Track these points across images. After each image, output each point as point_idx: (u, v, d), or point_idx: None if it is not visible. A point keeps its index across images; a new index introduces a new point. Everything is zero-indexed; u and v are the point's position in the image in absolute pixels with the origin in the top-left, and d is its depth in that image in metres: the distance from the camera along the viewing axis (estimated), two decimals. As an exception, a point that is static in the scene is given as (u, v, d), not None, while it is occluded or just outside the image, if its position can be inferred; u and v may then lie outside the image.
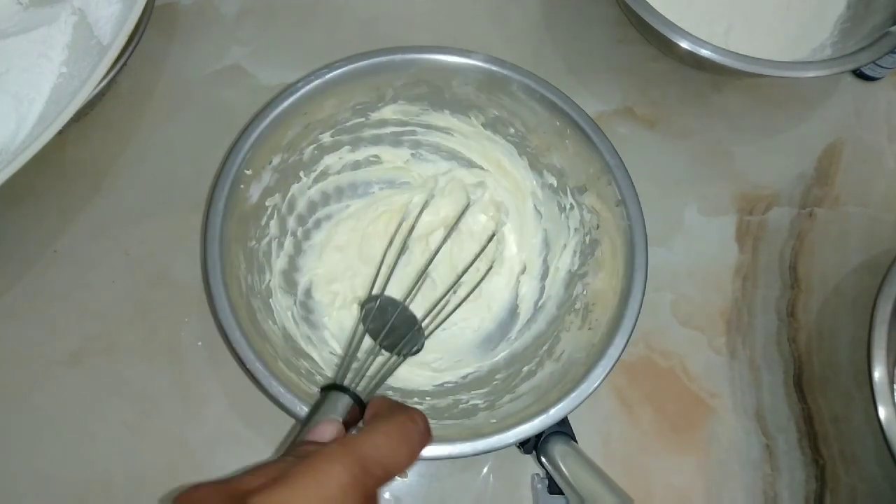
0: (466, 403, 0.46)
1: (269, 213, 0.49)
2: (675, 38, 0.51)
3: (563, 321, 0.48)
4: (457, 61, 0.48)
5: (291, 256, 0.51)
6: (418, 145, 0.54)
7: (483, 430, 0.40)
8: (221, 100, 0.57)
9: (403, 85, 0.49)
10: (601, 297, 0.46)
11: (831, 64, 0.52)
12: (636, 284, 0.44)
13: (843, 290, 0.54)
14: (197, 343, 0.49)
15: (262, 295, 0.47)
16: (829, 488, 0.49)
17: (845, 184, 0.58)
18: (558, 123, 0.48)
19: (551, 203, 0.52)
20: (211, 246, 0.42)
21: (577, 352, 0.45)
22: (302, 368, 0.45)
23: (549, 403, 0.41)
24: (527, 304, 0.52)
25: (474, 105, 0.50)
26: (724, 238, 0.56)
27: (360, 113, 0.50)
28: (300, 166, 0.50)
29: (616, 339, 0.42)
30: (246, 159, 0.45)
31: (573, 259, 0.50)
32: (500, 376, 0.48)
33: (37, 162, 0.42)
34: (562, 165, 0.50)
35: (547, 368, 0.46)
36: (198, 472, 0.46)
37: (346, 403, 0.37)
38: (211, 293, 0.41)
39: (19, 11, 0.48)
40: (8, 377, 0.48)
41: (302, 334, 0.48)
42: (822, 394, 0.51)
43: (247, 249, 0.46)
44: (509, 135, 0.51)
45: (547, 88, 0.48)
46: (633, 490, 0.37)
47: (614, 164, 0.46)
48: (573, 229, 0.50)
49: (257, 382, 0.40)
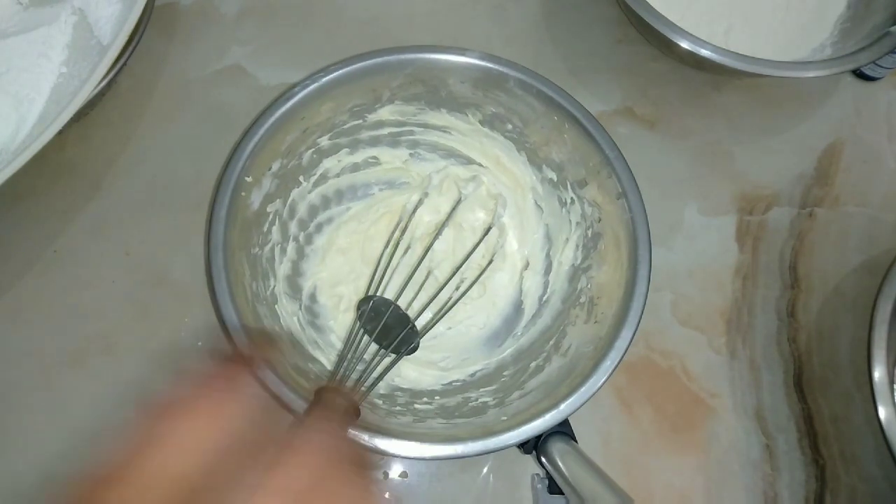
0: (476, 401, 0.46)
1: (270, 219, 0.49)
2: (676, 38, 0.51)
3: (569, 315, 0.48)
4: (452, 59, 0.48)
5: (294, 261, 0.51)
6: (416, 145, 0.54)
7: (494, 427, 0.40)
8: (221, 100, 0.57)
9: (399, 85, 0.49)
10: (606, 291, 0.46)
11: (831, 64, 0.52)
12: (641, 276, 0.44)
13: (843, 290, 0.54)
14: (197, 343, 0.49)
15: (268, 301, 0.47)
16: (829, 488, 0.49)
17: (845, 184, 0.58)
18: (556, 118, 0.48)
19: (552, 198, 0.52)
20: (215, 254, 0.42)
21: (584, 345, 0.45)
22: (311, 373, 0.45)
23: (560, 398, 0.41)
24: (531, 300, 0.52)
25: (471, 103, 0.50)
26: (724, 238, 0.56)
27: (357, 115, 0.50)
28: (300, 171, 0.50)
29: (623, 332, 0.42)
30: (246, 166, 0.45)
31: (576, 253, 0.50)
32: (507, 373, 0.48)
33: (37, 162, 0.42)
34: (561, 160, 0.50)
35: (554, 363, 0.46)
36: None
37: (338, 405, 0.37)
38: (217, 302, 0.41)
39: (19, 11, 0.48)
40: (8, 377, 0.48)
41: (309, 339, 0.48)
42: (822, 394, 0.51)
43: (250, 256, 0.46)
44: (507, 131, 0.51)
45: (543, 83, 0.48)
46: (633, 490, 0.37)
47: (614, 156, 0.46)
48: (575, 223, 0.50)
49: (269, 391, 0.40)
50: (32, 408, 0.47)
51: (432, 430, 0.42)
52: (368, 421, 0.40)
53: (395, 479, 0.47)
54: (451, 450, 0.39)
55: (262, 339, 0.42)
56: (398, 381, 0.48)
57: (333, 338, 0.50)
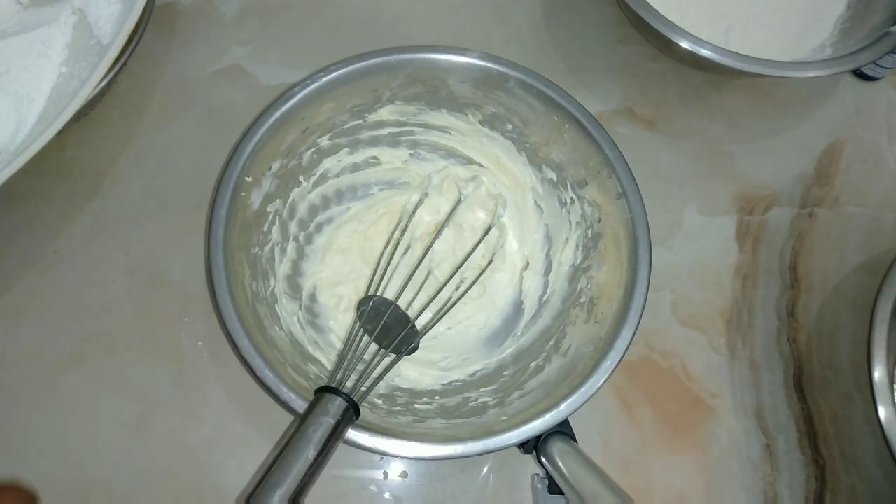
0: (476, 401, 0.46)
1: (270, 219, 0.49)
2: (676, 38, 0.51)
3: (569, 315, 0.48)
4: (452, 60, 0.48)
5: (295, 261, 0.51)
6: (416, 145, 0.54)
7: (494, 427, 0.40)
8: (221, 100, 0.57)
9: (400, 85, 0.49)
10: (606, 291, 0.46)
11: (831, 64, 0.52)
12: (641, 276, 0.44)
13: (843, 289, 0.54)
14: (197, 343, 0.49)
15: (268, 301, 0.47)
16: (829, 488, 0.49)
17: (845, 184, 0.58)
18: (556, 118, 0.48)
19: (552, 198, 0.52)
20: (215, 254, 0.43)
21: (585, 345, 0.45)
22: (311, 373, 0.45)
23: (560, 398, 0.41)
24: (531, 300, 0.52)
25: (471, 103, 0.51)
26: (724, 238, 0.56)
27: (357, 115, 0.50)
28: (300, 171, 0.50)
29: (623, 332, 0.42)
30: (246, 166, 0.45)
31: (576, 253, 0.50)
32: (507, 373, 0.48)
33: (37, 162, 0.42)
34: (561, 160, 0.50)
35: (554, 363, 0.46)
36: (198, 472, 0.46)
37: (338, 405, 0.38)
38: (217, 302, 0.41)
39: (19, 11, 0.48)
40: (8, 377, 0.48)
41: (309, 339, 0.48)
42: (822, 394, 0.51)
43: (250, 256, 0.46)
44: (507, 131, 0.51)
45: (544, 83, 0.48)
46: (632, 490, 0.37)
47: (614, 156, 0.46)
48: (575, 223, 0.50)
49: (269, 390, 0.40)
50: (32, 407, 0.47)
51: (432, 430, 0.42)
52: (368, 421, 0.40)
53: (395, 479, 0.47)
54: (450, 450, 0.39)
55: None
56: (398, 381, 0.48)
57: (333, 338, 0.50)
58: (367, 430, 0.39)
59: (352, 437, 0.39)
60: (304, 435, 0.36)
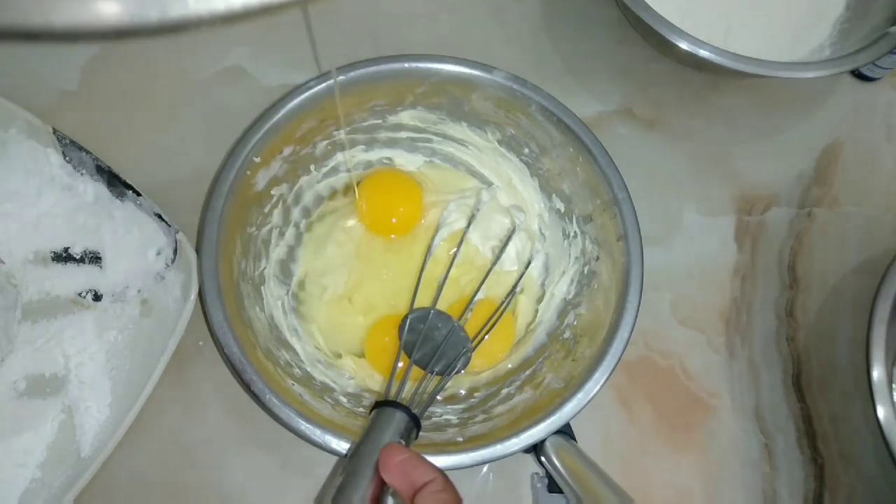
0: (440, 417, 0.46)
1: (273, 202, 0.49)
2: (675, 39, 0.51)
3: (551, 348, 0.48)
4: (479, 75, 0.48)
5: (291, 247, 0.51)
6: (433, 153, 0.54)
7: (446, 448, 0.40)
8: (222, 101, 0.57)
9: (424, 92, 0.49)
10: (589, 330, 0.46)
11: (831, 64, 0.52)
12: (625, 323, 0.44)
13: (842, 289, 0.54)
14: (197, 343, 0.49)
15: (255, 281, 0.47)
16: (828, 487, 0.49)
17: (844, 184, 0.58)
18: (572, 149, 0.48)
19: (556, 228, 0.52)
20: (210, 227, 0.43)
21: (556, 382, 0.45)
22: (281, 359, 0.45)
23: (520, 429, 0.41)
24: (518, 326, 0.51)
25: (492, 121, 0.51)
26: (723, 238, 0.56)
27: (377, 114, 0.51)
28: (311, 159, 0.50)
29: (596, 374, 0.42)
30: (256, 147, 0.45)
31: (570, 287, 0.50)
32: (478, 395, 0.48)
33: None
34: (571, 192, 0.50)
35: (525, 394, 0.46)
36: (198, 472, 0.46)
37: (401, 420, 0.38)
38: (203, 275, 0.43)
39: (13, 399, 0.45)
40: (9, 377, 0.48)
41: (289, 325, 0.48)
42: (820, 393, 0.51)
43: (245, 235, 0.47)
44: (523, 154, 0.52)
45: (564, 113, 0.48)
46: (632, 489, 0.37)
47: (622, 198, 0.46)
48: (574, 257, 0.51)
49: (233, 368, 0.41)
50: (33, 407, 0.47)
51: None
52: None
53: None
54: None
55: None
56: (367, 394, 0.48)
57: (314, 328, 0.50)
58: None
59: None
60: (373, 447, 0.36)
